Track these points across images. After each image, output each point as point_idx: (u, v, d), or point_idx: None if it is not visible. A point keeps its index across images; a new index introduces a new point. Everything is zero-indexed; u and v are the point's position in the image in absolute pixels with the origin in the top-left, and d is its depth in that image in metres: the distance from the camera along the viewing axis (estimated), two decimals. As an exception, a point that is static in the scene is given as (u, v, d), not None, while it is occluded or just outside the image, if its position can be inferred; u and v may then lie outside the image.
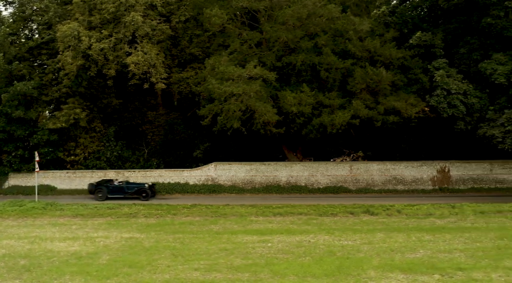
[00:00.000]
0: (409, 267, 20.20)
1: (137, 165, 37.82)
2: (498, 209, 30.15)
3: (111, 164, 37.66)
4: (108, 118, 39.37)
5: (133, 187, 34.14)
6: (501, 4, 30.48)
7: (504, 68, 30.63)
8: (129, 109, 39.91)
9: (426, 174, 35.84)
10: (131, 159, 37.87)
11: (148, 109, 39.96)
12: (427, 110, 31.88)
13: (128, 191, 34.06)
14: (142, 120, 39.85)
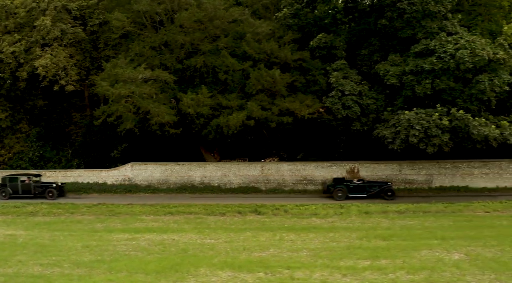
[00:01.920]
0: (242, 265, 20.77)
1: (59, 165, 38.85)
2: (384, 209, 30.41)
3: (34, 164, 38.75)
4: (35, 119, 40.49)
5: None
6: (394, 5, 30.72)
7: (396, 69, 30.87)
8: (57, 110, 40.97)
9: (336, 174, 36.14)
10: (54, 159, 38.91)
11: (76, 111, 40.98)
12: (322, 111, 32.25)
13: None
14: (69, 121, 40.89)
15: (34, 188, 35.32)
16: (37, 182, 35.92)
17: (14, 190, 35.55)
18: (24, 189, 35.52)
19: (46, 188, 35.00)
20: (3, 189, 35.40)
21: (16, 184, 35.61)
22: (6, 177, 36.18)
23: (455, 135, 29.73)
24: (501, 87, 29.62)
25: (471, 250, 22.28)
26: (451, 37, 29.93)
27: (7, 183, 35.59)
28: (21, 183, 35.66)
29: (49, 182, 36.60)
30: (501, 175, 35.67)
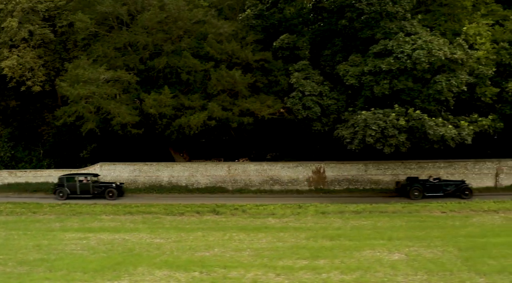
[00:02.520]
0: (181, 264, 20.98)
1: (30, 165, 39.20)
2: (341, 209, 30.49)
3: (5, 164, 39.11)
4: (7, 120, 40.85)
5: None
6: (353, 6, 30.78)
7: (355, 70, 30.93)
8: (29, 111, 41.30)
9: (302, 174, 36.28)
10: (25, 159, 39.27)
11: (48, 111, 41.26)
12: (283, 112, 32.39)
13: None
14: (42, 121, 41.20)
15: (93, 188, 34.86)
16: (95, 181, 35.39)
17: (72, 190, 35.09)
18: (83, 189, 35.04)
19: (106, 188, 34.63)
20: (60, 189, 35.05)
21: (74, 184, 35.14)
22: (64, 177, 35.74)
23: (413, 135, 29.76)
24: (458, 87, 29.63)
25: (413, 250, 22.37)
26: (409, 38, 29.94)
27: (64, 183, 35.01)
28: (80, 183, 35.02)
29: (108, 181, 36.17)
30: (467, 175, 35.61)
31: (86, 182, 35.13)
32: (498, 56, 31.49)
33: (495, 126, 31.32)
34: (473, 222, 27.27)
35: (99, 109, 30.89)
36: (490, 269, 19.56)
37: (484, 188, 35.43)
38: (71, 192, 35.06)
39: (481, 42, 31.61)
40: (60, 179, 35.73)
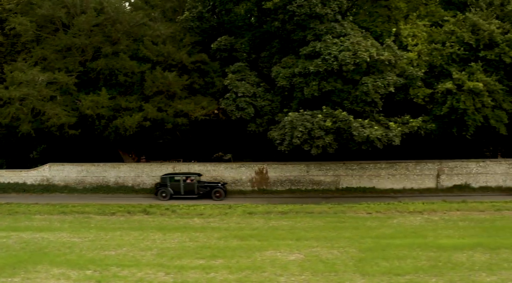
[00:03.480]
0: (81, 263, 21.39)
1: (-18, 166, 39.93)
2: (268, 210, 30.73)
3: (-42, 165, 39.89)
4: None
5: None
6: (285, 8, 31.00)
7: (286, 71, 31.16)
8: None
9: (245, 175, 36.60)
10: (-22, 159, 40.05)
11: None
12: (219, 113, 32.71)
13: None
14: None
15: (197, 188, 34.74)
16: (200, 181, 35.37)
17: (175, 190, 34.64)
18: (187, 189, 34.74)
19: (212, 188, 34.53)
20: (163, 189, 34.62)
21: (178, 184, 34.71)
22: (167, 176, 35.21)
23: (340, 136, 29.92)
24: (386, 88, 29.74)
25: (314, 251, 22.58)
26: (338, 39, 30.10)
27: (167, 183, 34.70)
28: (184, 182, 34.76)
29: (213, 181, 35.95)
30: (408, 176, 35.71)
31: (190, 181, 34.64)
32: (430, 57, 31.51)
33: (426, 127, 31.35)
34: (392, 223, 27.37)
35: (33, 111, 31.44)
36: (376, 270, 19.74)
37: (425, 189, 35.51)
38: (174, 192, 34.70)
39: (413, 44, 31.66)
40: (163, 179, 35.14)
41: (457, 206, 29.73)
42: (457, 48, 31.37)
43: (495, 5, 32.94)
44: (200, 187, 34.56)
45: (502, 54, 30.85)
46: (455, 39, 31.79)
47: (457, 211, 29.21)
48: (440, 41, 31.91)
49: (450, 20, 32.52)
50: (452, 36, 31.87)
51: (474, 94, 30.24)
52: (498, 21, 32.07)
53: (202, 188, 34.60)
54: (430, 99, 31.66)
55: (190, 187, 34.61)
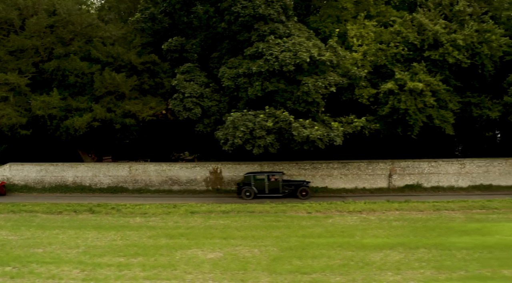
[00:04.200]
0: (4, 260, 21.78)
1: None
2: (210, 209, 30.96)
3: None
4: None
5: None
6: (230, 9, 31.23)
7: (231, 72, 31.39)
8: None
9: (199, 174, 36.87)
10: None
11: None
12: (167, 113, 33.00)
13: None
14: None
15: (282, 187, 34.33)
16: (285, 180, 35.01)
17: (260, 189, 34.13)
18: (271, 187, 34.28)
19: (297, 187, 34.17)
20: (247, 188, 34.12)
21: (262, 183, 34.21)
22: (251, 175, 34.71)
23: (282, 136, 30.12)
24: (327, 89, 29.89)
25: (235, 249, 22.82)
26: (281, 40, 30.30)
27: (252, 182, 34.26)
28: (268, 181, 34.27)
29: (298, 180, 35.66)
30: (360, 176, 35.77)
31: (274, 180, 34.32)
32: (375, 57, 31.61)
33: (370, 127, 31.46)
34: (326, 222, 27.49)
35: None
36: (285, 269, 20.00)
37: (377, 188, 35.57)
38: (258, 191, 34.22)
39: (358, 44, 31.78)
40: (246, 178, 34.66)
41: (398, 205, 29.81)
42: (401, 49, 31.45)
43: (443, 5, 32.96)
44: (285, 186, 34.16)
45: (446, 54, 30.86)
46: (401, 39, 31.87)
47: (396, 210, 29.28)
48: (386, 42, 31.98)
49: (397, 21, 32.56)
50: (397, 37, 31.96)
51: (417, 94, 30.29)
52: (445, 21, 32.10)
53: (287, 186, 34.19)
54: (375, 99, 31.76)
55: (274, 185, 34.22)
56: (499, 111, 33.04)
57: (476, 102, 33.34)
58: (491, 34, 31.55)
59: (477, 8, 33.08)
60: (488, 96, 33.77)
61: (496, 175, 35.36)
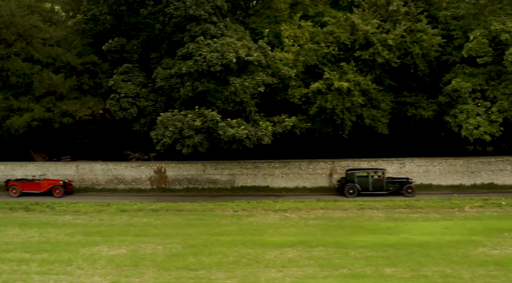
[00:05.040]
0: None
1: None
2: (141, 208, 31.39)
3: None
4: None
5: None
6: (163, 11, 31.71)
7: (165, 72, 31.80)
8: None
9: (144, 174, 37.36)
10: None
11: None
12: (105, 113, 33.50)
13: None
14: None
15: (386, 184, 33.44)
16: (389, 177, 34.08)
17: (363, 186, 33.24)
18: (376, 185, 33.36)
19: (402, 184, 33.25)
20: (350, 186, 33.24)
21: (366, 180, 33.38)
22: (353, 172, 33.89)
23: (211, 135, 30.47)
24: (255, 88, 30.17)
25: (140, 246, 23.20)
26: (211, 41, 30.64)
27: (355, 179, 33.47)
28: (372, 179, 33.41)
29: (401, 177, 34.63)
30: (301, 175, 35.99)
31: (378, 177, 33.63)
32: (307, 57, 31.85)
33: (301, 127, 31.73)
34: (246, 221, 27.79)
35: None
36: (176, 266, 20.46)
37: (318, 187, 35.69)
38: (362, 188, 33.28)
39: (291, 44, 32.03)
40: (349, 175, 33.80)
41: (324, 204, 30.03)
42: (332, 49, 31.65)
43: (379, 5, 33.07)
44: (389, 183, 33.57)
45: (376, 54, 31.00)
46: (333, 39, 32.06)
47: (321, 209, 29.48)
48: (320, 42, 32.17)
49: (331, 21, 32.75)
50: (330, 37, 32.16)
51: (345, 94, 30.49)
52: (379, 21, 32.20)
53: (391, 184, 33.60)
54: (307, 99, 31.99)
55: (378, 183, 33.38)
56: (433, 111, 33.11)
57: (412, 102, 33.44)
58: (423, 34, 31.63)
59: (413, 8, 33.15)
60: (425, 96, 33.85)
61: (436, 174, 35.41)
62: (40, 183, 36.04)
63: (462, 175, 35.38)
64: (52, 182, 36.24)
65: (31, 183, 36.22)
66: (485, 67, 32.16)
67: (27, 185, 36.23)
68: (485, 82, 32.02)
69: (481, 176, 35.40)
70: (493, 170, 35.43)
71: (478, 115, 30.92)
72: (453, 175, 35.41)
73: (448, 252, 21.18)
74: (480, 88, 31.80)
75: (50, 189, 35.82)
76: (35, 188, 36.10)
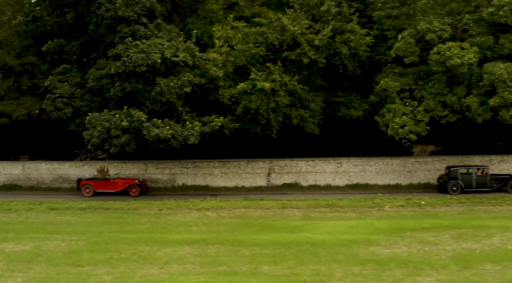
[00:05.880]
0: None
1: None
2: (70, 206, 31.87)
3: None
4: None
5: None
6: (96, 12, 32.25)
7: (96, 73, 32.38)
8: None
9: (88, 173, 37.93)
10: None
11: None
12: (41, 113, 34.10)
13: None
14: None
15: (490, 181, 33.44)
16: (493, 174, 34.13)
17: (467, 183, 33.09)
18: (479, 182, 33.33)
19: (506, 181, 33.19)
20: (454, 183, 33.13)
21: (469, 177, 33.30)
22: (456, 169, 33.76)
23: (138, 135, 30.91)
24: (181, 89, 30.55)
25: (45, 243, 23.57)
26: (140, 42, 31.06)
27: (458, 176, 33.36)
28: (476, 175, 33.45)
29: (504, 174, 34.60)
30: (240, 174, 36.37)
31: (481, 174, 33.56)
32: (235, 58, 32.17)
33: (230, 127, 32.07)
34: (164, 219, 28.19)
35: None
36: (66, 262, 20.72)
37: (256, 187, 36.04)
38: (466, 185, 33.12)
39: (220, 45, 32.37)
40: (452, 172, 33.60)
41: (247, 203, 30.30)
42: (260, 49, 31.96)
43: (311, 5, 33.28)
44: (492, 180, 33.46)
45: (302, 54, 31.26)
46: (263, 40, 32.36)
47: (243, 208, 29.79)
48: (249, 42, 32.48)
49: (262, 21, 33.04)
50: (260, 37, 32.45)
51: (270, 94, 30.79)
52: (309, 22, 32.45)
53: (495, 180, 33.50)
54: (236, 99, 32.31)
55: (482, 180, 33.39)
56: (365, 110, 33.28)
57: (344, 102, 33.65)
58: (350, 34, 31.79)
59: (346, 8, 33.31)
60: (358, 96, 34.02)
61: (372, 174, 35.58)
62: (114, 182, 35.60)
63: (399, 175, 35.58)
64: (127, 181, 35.67)
65: (106, 182, 35.72)
66: (414, 67, 32.29)
67: (101, 184, 35.65)
68: (414, 82, 32.14)
69: (418, 175, 35.61)
70: (430, 170, 35.63)
71: (404, 115, 31.05)
72: (390, 175, 35.61)
73: (337, 251, 21.34)
74: (409, 88, 31.93)
75: (126, 188, 35.13)
76: (109, 187, 35.37)
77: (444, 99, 30.86)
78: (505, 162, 35.27)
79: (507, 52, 30.12)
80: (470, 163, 35.64)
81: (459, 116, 31.03)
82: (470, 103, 29.84)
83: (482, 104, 30.17)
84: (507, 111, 29.16)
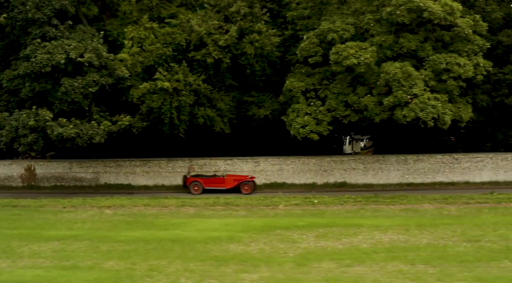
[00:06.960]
0: None
1: None
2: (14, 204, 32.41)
3: None
4: None
5: None
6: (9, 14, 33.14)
7: (10, 73, 33.18)
8: None
9: (15, 172, 38.78)
10: None
11: None
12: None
13: None
14: None
15: None
16: None
17: None
18: None
19: None
20: None
21: None
22: None
23: (45, 134, 31.60)
24: (86, 89, 31.17)
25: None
26: (49, 43, 31.76)
27: None
28: None
29: None
30: (161, 173, 36.92)
31: None
32: (144, 58, 32.69)
33: (137, 126, 32.63)
34: (59, 216, 28.69)
35: None
36: None
37: (176, 185, 36.48)
38: None
39: (130, 45, 32.92)
40: None
41: (147, 201, 30.63)
42: (167, 50, 32.45)
43: (222, 6, 33.67)
44: None
45: (207, 54, 31.67)
46: (171, 40, 32.85)
47: (143, 206, 30.22)
48: (157, 43, 33.00)
49: (172, 22, 33.54)
50: (169, 38, 32.95)
51: (175, 94, 31.26)
52: (218, 22, 32.84)
53: None
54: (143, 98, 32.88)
55: None
56: (274, 110, 33.59)
57: (255, 102, 33.99)
58: (256, 34, 32.13)
59: (258, 9, 33.65)
60: (270, 96, 34.33)
61: (289, 173, 35.86)
62: (224, 178, 35.03)
63: (315, 174, 35.82)
64: (238, 178, 35.06)
65: (215, 179, 35.09)
66: (321, 67, 32.52)
67: (210, 181, 34.99)
68: (320, 82, 32.37)
69: (334, 174, 35.79)
70: (346, 169, 35.78)
71: (307, 115, 31.29)
72: (306, 174, 35.87)
73: (193, 248, 21.63)
74: (314, 88, 32.17)
75: (238, 186, 34.45)
76: (219, 184, 34.81)
77: (346, 99, 31.04)
78: (420, 161, 35.15)
79: (406, 51, 30.22)
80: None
81: (360, 116, 31.17)
82: (367, 103, 29.98)
83: (381, 104, 30.30)
84: (401, 111, 29.21)
